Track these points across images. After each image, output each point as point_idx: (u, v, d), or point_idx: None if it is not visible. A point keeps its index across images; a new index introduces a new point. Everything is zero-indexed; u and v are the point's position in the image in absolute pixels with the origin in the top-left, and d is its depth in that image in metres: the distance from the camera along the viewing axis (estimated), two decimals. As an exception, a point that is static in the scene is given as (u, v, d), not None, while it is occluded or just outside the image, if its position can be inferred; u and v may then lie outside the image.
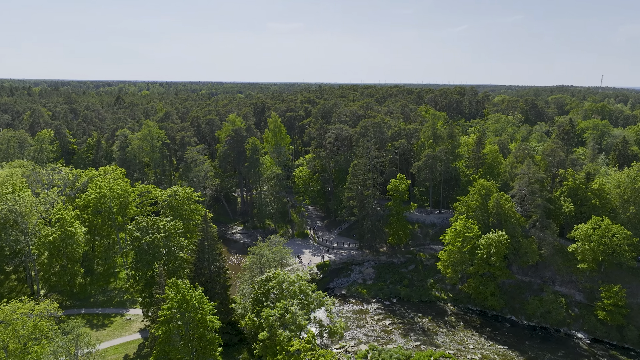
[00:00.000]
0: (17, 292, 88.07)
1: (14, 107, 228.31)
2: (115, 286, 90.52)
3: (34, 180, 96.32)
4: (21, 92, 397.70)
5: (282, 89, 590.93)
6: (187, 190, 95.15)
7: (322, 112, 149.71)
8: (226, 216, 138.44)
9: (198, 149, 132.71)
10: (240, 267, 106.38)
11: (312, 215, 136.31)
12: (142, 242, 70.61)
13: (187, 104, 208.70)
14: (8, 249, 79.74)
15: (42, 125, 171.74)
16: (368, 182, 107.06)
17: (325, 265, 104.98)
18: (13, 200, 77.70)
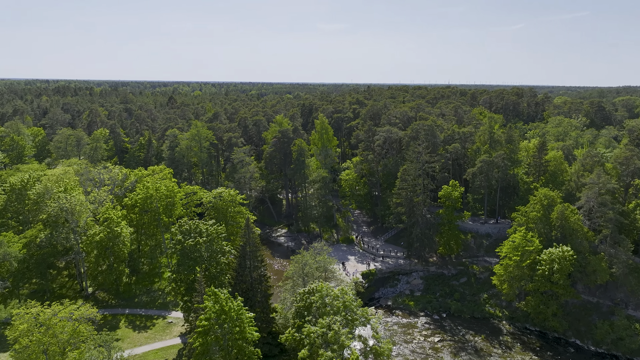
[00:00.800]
0: (68, 288, 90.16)
1: (76, 106, 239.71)
2: (159, 287, 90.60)
3: (85, 178, 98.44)
4: (84, 92, 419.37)
5: (330, 90, 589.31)
6: (232, 192, 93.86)
7: (371, 113, 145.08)
8: (271, 218, 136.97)
9: (245, 150, 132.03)
10: (283, 273, 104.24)
11: (358, 220, 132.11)
12: (184, 246, 69.41)
13: (236, 105, 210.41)
14: (59, 246, 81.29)
15: (98, 125, 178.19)
16: (418, 188, 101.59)
17: (371, 273, 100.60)
18: (64, 199, 79.05)
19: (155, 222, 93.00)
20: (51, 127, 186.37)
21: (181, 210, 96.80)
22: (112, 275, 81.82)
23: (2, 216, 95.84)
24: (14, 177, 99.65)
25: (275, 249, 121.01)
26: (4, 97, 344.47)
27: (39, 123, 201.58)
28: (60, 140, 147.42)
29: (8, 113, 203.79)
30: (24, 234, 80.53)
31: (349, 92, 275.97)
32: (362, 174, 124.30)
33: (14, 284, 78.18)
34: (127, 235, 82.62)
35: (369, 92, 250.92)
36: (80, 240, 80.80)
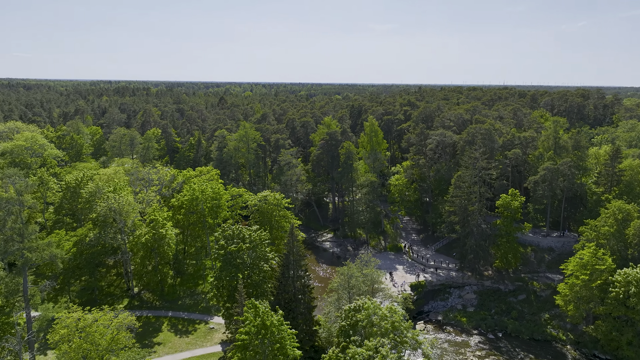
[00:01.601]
0: (115, 287, 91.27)
1: (132, 106, 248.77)
2: (203, 289, 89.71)
3: (135, 178, 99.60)
4: (141, 92, 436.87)
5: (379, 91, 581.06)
6: (277, 196, 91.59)
7: (423, 116, 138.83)
8: (316, 222, 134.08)
9: (292, 152, 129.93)
10: (328, 280, 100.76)
11: (407, 227, 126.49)
12: (227, 251, 67.53)
13: (285, 106, 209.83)
14: (107, 245, 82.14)
15: (151, 124, 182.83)
16: (474, 196, 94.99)
17: (420, 285, 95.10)
18: (113, 199, 79.65)
19: (201, 224, 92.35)
20: (108, 126, 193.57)
21: (226, 213, 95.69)
22: (157, 276, 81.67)
23: (58, 213, 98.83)
24: (69, 175, 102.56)
25: (320, 254, 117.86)
26: (70, 97, 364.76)
27: (98, 122, 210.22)
28: (115, 139, 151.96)
29: (70, 112, 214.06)
30: (75, 233, 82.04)
31: (400, 93, 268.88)
32: (412, 179, 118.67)
33: (64, 281, 79.70)
34: (172, 237, 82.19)
35: (421, 93, 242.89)
36: (127, 240, 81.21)
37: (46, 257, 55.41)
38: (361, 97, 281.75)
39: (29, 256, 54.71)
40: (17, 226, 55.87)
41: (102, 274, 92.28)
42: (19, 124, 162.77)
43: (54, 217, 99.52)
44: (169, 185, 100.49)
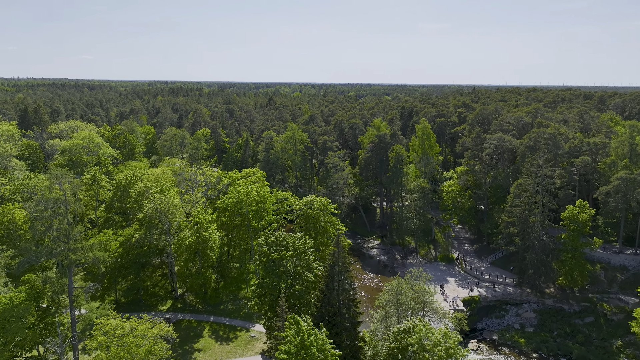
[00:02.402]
0: (160, 287, 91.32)
1: (184, 106, 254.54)
2: (245, 294, 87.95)
3: (182, 179, 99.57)
4: (194, 93, 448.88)
5: (430, 91, 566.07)
6: (323, 201, 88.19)
7: (480, 118, 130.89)
8: (363, 227, 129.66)
9: (339, 154, 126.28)
10: (374, 289, 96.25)
11: (460, 236, 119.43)
12: (269, 258, 64.83)
13: (333, 107, 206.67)
14: (153, 246, 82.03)
15: (201, 124, 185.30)
16: (536, 207, 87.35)
17: (474, 300, 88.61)
18: (159, 200, 79.30)
19: (245, 227, 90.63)
20: (161, 125, 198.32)
21: (271, 216, 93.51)
22: (200, 280, 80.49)
23: (109, 211, 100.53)
24: (120, 174, 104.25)
25: (367, 261, 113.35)
26: (127, 97, 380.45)
27: (151, 122, 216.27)
28: (166, 139, 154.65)
29: (126, 112, 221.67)
30: (122, 232, 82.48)
31: (452, 94, 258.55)
32: (466, 185, 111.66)
33: (110, 280, 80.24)
34: (216, 241, 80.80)
35: (475, 94, 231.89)
36: (171, 242, 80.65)
37: (89, 259, 54.91)
38: (412, 98, 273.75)
39: (73, 258, 54.34)
40: (63, 227, 55.72)
41: (148, 273, 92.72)
42: (78, 123, 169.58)
43: (105, 215, 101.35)
44: (215, 186, 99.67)
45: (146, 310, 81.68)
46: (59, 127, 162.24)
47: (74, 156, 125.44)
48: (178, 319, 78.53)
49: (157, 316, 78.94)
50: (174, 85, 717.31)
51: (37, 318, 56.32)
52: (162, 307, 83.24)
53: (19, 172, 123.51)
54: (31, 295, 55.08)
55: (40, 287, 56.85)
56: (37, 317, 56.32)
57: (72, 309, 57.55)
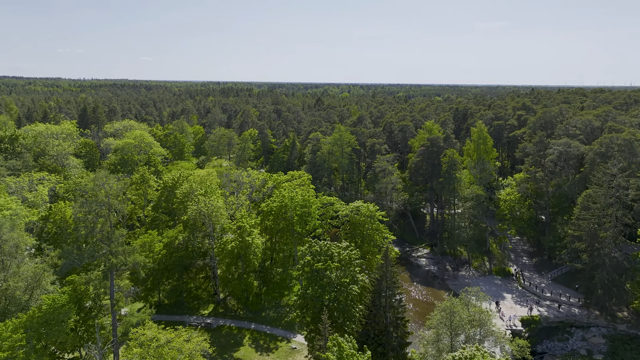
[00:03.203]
0: (203, 290, 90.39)
1: (233, 107, 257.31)
2: (288, 301, 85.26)
3: (227, 180, 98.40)
4: (244, 93, 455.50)
5: (484, 92, 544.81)
6: (371, 207, 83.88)
7: (542, 121, 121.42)
8: (411, 234, 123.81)
9: (388, 158, 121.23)
10: (423, 303, 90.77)
11: (517, 248, 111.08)
12: (313, 269, 61.43)
13: (382, 108, 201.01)
14: (196, 249, 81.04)
15: (249, 125, 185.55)
16: (607, 220, 78.79)
17: (534, 320, 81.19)
18: (203, 203, 78.06)
19: (289, 231, 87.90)
20: (210, 125, 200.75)
21: (316, 222, 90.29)
22: (242, 285, 78.50)
23: (156, 210, 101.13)
24: (167, 174, 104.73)
25: (415, 271, 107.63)
26: (180, 97, 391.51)
27: (201, 122, 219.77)
28: (214, 139, 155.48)
29: (178, 112, 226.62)
30: (166, 234, 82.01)
31: (510, 95, 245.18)
32: (526, 194, 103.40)
33: (153, 281, 79.87)
34: (259, 246, 78.57)
35: (535, 95, 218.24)
36: (214, 245, 79.20)
37: (130, 263, 53.70)
38: (465, 99, 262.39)
39: (114, 261, 53.37)
40: (105, 229, 54.93)
41: (191, 275, 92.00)
42: (132, 122, 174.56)
43: (152, 214, 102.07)
44: (260, 189, 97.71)
45: (188, 313, 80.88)
46: (114, 126, 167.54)
47: (125, 155, 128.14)
48: (219, 325, 76.90)
49: (198, 320, 77.98)
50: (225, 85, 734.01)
51: (79, 321, 55.90)
52: (204, 310, 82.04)
53: (74, 169, 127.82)
54: (74, 298, 54.68)
55: (83, 288, 56.43)
56: (79, 320, 55.90)
57: (114, 313, 56.71)
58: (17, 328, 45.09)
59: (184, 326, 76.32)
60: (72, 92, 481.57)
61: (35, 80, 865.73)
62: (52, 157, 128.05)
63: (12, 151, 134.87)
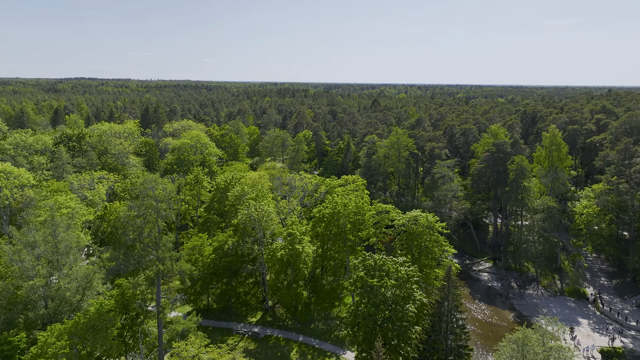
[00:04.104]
0: (252, 295, 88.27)
1: (289, 108, 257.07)
2: (338, 313, 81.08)
3: (279, 184, 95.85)
4: (300, 94, 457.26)
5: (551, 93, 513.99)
6: (430, 218, 77.69)
7: (627, 126, 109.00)
8: (472, 246, 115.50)
9: (449, 163, 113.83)
10: (485, 324, 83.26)
11: (594, 267, 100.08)
12: (365, 285, 56.79)
13: (442, 110, 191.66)
14: (246, 254, 78.90)
15: (304, 126, 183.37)
16: None
17: (616, 353, 71.60)
18: (254, 208, 75.67)
19: (341, 240, 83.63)
20: (265, 126, 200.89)
21: (370, 230, 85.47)
22: (291, 295, 75.21)
23: (208, 211, 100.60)
24: (220, 176, 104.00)
25: (475, 287, 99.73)
26: (238, 98, 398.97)
27: (257, 122, 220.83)
28: (268, 140, 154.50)
29: (234, 112, 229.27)
30: (216, 238, 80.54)
31: (583, 97, 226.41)
32: (607, 207, 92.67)
33: (202, 285, 78.56)
34: (309, 254, 74.99)
35: (614, 97, 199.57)
36: (264, 252, 76.57)
37: (175, 271, 51.75)
38: (532, 100, 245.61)
39: (161, 268, 51.62)
40: (153, 234, 53.38)
41: (241, 279, 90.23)
42: (190, 122, 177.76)
43: (205, 215, 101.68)
44: (312, 194, 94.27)
45: (236, 320, 78.85)
46: (173, 126, 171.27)
47: (182, 155, 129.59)
48: (266, 334, 74.12)
49: (245, 328, 75.65)
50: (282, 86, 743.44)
51: (125, 326, 54.80)
52: (251, 318, 79.69)
53: (134, 168, 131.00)
54: (120, 303, 53.57)
55: (130, 293, 55.28)
56: (125, 326, 54.80)
57: (160, 320, 55.14)
58: (62, 334, 44.11)
59: (231, 333, 74.66)
60: (138, 92, 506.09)
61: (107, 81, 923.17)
62: (113, 155, 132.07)
63: (79, 149, 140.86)
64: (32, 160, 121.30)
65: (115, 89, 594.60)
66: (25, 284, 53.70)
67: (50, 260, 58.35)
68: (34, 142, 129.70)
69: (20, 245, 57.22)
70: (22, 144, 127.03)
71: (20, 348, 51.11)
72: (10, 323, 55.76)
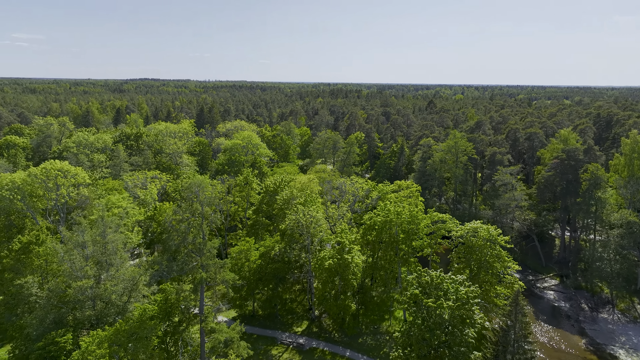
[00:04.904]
0: (298, 303, 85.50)
1: (341, 109, 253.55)
2: (387, 328, 76.43)
3: (329, 188, 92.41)
4: (353, 95, 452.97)
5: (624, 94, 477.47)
6: (492, 231, 71.35)
7: None
8: (536, 260, 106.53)
9: (512, 170, 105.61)
10: (550, 349, 75.45)
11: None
12: (420, 304, 52.00)
13: (504, 112, 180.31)
14: (292, 261, 76.18)
15: (356, 128, 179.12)
16: None
17: None
18: (302, 213, 72.73)
19: (393, 250, 78.85)
20: (317, 127, 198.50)
21: (424, 241, 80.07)
22: (338, 306, 71.50)
23: (257, 214, 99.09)
24: (269, 178, 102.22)
25: (539, 305, 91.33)
26: (291, 98, 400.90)
27: (309, 123, 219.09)
28: (319, 142, 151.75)
29: (286, 113, 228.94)
30: (262, 243, 78.36)
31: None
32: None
33: (248, 291, 76.67)
34: (359, 265, 70.93)
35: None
36: (311, 260, 73.42)
37: (218, 280, 49.56)
38: (604, 102, 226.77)
39: (204, 276, 49.63)
40: (197, 241, 51.55)
41: (287, 285, 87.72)
42: (243, 123, 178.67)
43: (254, 218, 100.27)
44: (363, 200, 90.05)
45: (281, 328, 76.25)
46: (225, 126, 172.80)
47: (233, 156, 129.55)
48: (312, 346, 70.89)
49: (290, 338, 72.85)
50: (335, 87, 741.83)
51: (167, 334, 53.38)
52: (297, 327, 76.78)
53: (186, 168, 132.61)
54: (163, 309, 52.16)
55: (174, 299, 53.81)
56: (167, 333, 53.38)
57: (202, 330, 53.28)
58: (103, 342, 42.95)
59: (276, 343, 72.12)
60: (196, 92, 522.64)
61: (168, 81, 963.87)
62: (167, 154, 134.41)
63: (136, 148, 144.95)
64: (93, 158, 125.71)
65: (174, 89, 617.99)
66: (74, 284, 53.67)
67: (99, 261, 58.28)
68: (95, 141, 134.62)
69: (70, 244, 57.53)
70: (84, 142, 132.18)
71: (66, 349, 50.99)
72: (59, 322, 56.07)
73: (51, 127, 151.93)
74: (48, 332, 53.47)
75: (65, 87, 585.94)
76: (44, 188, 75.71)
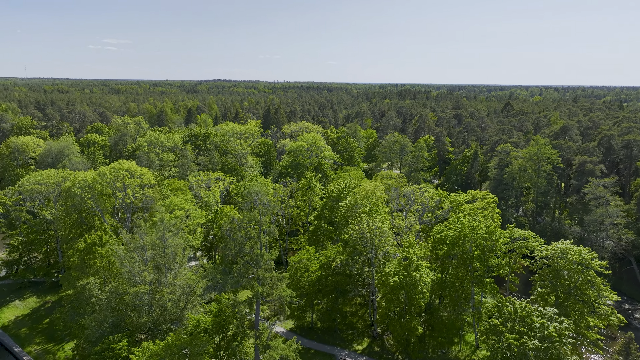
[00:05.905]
0: (359, 317, 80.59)
1: (409, 110, 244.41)
2: (457, 354, 69.34)
3: (396, 196, 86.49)
4: (421, 96, 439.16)
5: None
6: (585, 254, 62.09)
7: None
8: (633, 286, 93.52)
9: (605, 182, 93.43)
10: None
11: None
12: (500, 337, 45.19)
13: (594, 116, 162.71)
14: (354, 275, 71.36)
15: (425, 131, 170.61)
16: None
17: None
18: (366, 224, 67.73)
19: (466, 268, 71.51)
20: (383, 130, 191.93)
21: (502, 260, 71.96)
22: (403, 326, 65.69)
23: (319, 220, 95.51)
24: (333, 183, 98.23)
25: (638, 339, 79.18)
26: (357, 99, 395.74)
27: (375, 125, 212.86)
28: (385, 145, 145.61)
29: (352, 114, 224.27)
30: (323, 253, 74.31)
31: None
32: None
33: (307, 302, 73.05)
34: (428, 283, 64.64)
35: None
36: (374, 274, 68.19)
37: (275, 296, 46.02)
38: None
39: (260, 290, 46.33)
40: (255, 252, 48.38)
41: (348, 297, 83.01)
42: (308, 124, 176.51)
43: (315, 223, 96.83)
44: (433, 211, 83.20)
45: (340, 345, 71.75)
46: (291, 127, 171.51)
47: (297, 158, 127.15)
48: (372, 369, 65.67)
49: (350, 357, 68.18)
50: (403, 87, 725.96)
51: (221, 348, 50.79)
52: (357, 345, 71.90)
53: (250, 169, 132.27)
54: (217, 322, 49.60)
55: (229, 312, 51.16)
56: (221, 347, 50.79)
57: (256, 347, 50.10)
58: (152, 356, 40.85)
59: (334, 361, 67.78)
60: (264, 93, 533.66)
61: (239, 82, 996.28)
62: (233, 155, 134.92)
63: (204, 148, 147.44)
64: (163, 157, 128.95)
65: (244, 90, 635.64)
66: (131, 290, 52.76)
67: (157, 265, 57.23)
68: (165, 140, 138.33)
69: (130, 247, 56.94)
70: (155, 142, 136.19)
71: (120, 356, 50.04)
72: (117, 325, 55.61)
73: (127, 126, 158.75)
74: (106, 335, 53.03)
75: (145, 87, 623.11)
76: (112, 187, 76.99)
